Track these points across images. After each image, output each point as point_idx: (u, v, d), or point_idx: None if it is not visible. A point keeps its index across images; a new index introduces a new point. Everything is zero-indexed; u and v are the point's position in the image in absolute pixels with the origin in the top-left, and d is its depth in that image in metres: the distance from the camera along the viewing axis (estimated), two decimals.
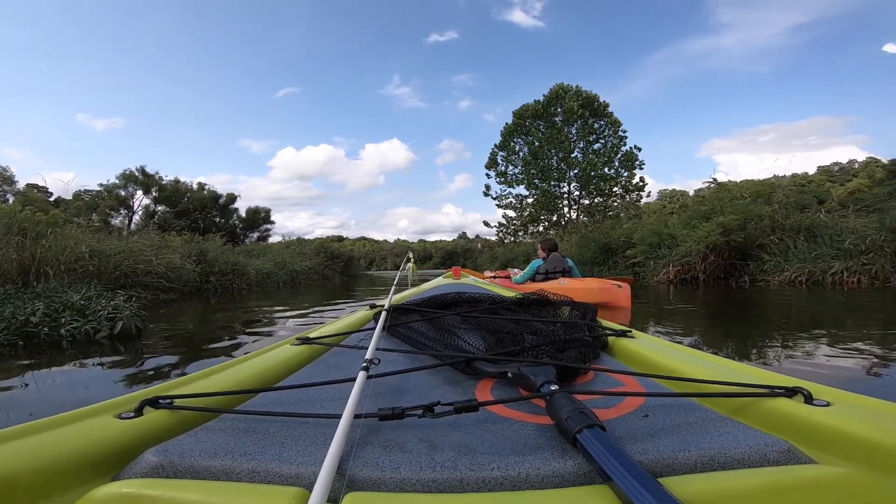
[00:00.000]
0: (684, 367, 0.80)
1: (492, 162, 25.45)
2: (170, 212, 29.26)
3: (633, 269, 9.93)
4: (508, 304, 1.38)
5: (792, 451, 0.48)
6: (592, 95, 23.93)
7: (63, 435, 0.53)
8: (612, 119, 23.83)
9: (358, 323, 1.41)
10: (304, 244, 19.38)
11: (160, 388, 0.69)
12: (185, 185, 31.10)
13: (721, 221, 7.37)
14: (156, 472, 0.48)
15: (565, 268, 5.04)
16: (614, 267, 10.56)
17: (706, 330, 3.49)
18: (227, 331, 3.75)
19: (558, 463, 0.46)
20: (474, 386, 0.76)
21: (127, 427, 0.57)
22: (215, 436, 0.55)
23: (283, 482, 0.46)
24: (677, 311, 4.71)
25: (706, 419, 0.57)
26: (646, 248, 9.06)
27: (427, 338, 1.04)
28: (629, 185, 23.37)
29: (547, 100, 24.16)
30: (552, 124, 24.10)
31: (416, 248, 71.97)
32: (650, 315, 4.32)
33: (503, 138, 25.22)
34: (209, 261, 9.59)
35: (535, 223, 24.36)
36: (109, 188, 28.60)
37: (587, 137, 23.98)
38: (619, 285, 4.26)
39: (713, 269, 7.73)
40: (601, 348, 1.03)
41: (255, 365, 0.88)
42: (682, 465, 0.47)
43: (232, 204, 32.78)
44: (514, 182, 25.01)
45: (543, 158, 23.86)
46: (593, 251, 11.13)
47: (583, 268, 11.33)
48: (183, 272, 8.17)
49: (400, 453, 0.49)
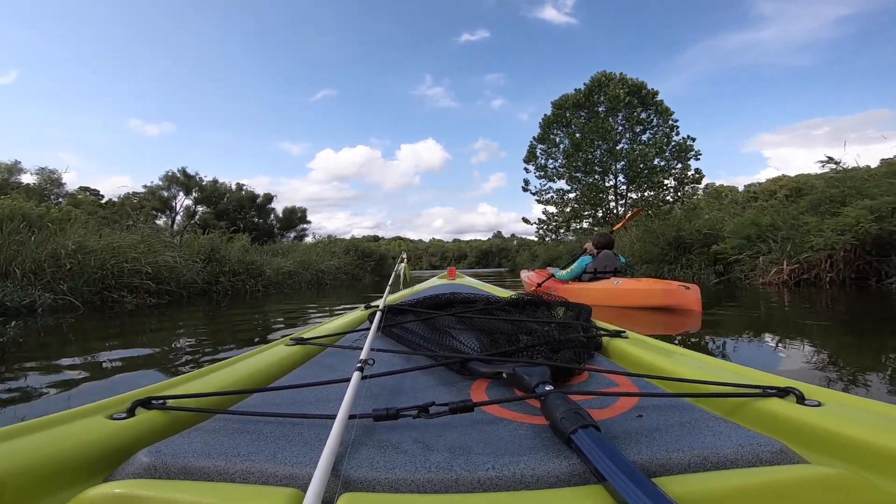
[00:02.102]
0: (678, 368, 0.79)
1: (530, 155, 23.54)
2: (210, 212, 29.29)
3: (718, 267, 7.97)
4: (503, 305, 1.34)
5: (784, 451, 0.48)
6: (639, 83, 21.64)
7: (54, 436, 0.51)
8: (663, 107, 21.49)
9: (353, 323, 1.38)
10: (335, 243, 18.27)
11: (152, 389, 0.68)
12: (223, 186, 31.16)
13: (870, 205, 5.37)
14: (148, 473, 0.47)
15: (617, 267, 4.43)
16: (688, 266, 8.58)
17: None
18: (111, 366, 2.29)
19: (553, 463, 0.46)
20: (469, 386, 0.74)
21: (119, 428, 0.55)
22: (209, 436, 0.54)
23: (278, 483, 0.45)
24: (809, 325, 2.99)
25: (699, 419, 0.57)
26: (742, 241, 7.07)
27: (422, 338, 1.01)
28: (684, 177, 20.96)
29: (588, 88, 22.05)
30: (594, 114, 22.03)
31: (451, 248, 71.29)
32: (761, 325, 3.05)
33: (542, 130, 23.24)
34: (219, 259, 8.35)
35: (578, 219, 22.32)
36: (153, 189, 28.81)
37: (634, 128, 21.79)
38: (687, 287, 3.56)
39: (843, 268, 5.72)
40: (595, 349, 1.01)
41: (249, 365, 0.86)
42: (676, 465, 0.46)
43: (269, 204, 32.81)
44: (554, 176, 23.04)
45: (586, 151, 21.82)
46: (661, 247, 9.20)
47: (647, 267, 9.51)
48: (181, 272, 6.92)
49: (395, 454, 0.48)
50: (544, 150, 23.33)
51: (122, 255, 6.18)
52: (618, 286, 4.04)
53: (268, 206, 32.50)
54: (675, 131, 21.32)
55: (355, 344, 1.07)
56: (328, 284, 11.77)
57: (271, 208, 32.71)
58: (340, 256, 14.81)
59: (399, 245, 67.16)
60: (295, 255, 12.19)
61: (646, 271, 9.48)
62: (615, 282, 4.17)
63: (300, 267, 11.33)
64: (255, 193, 32.01)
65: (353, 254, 16.33)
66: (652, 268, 9.28)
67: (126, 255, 6.20)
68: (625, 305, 3.89)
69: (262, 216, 32.05)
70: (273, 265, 9.77)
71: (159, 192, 28.69)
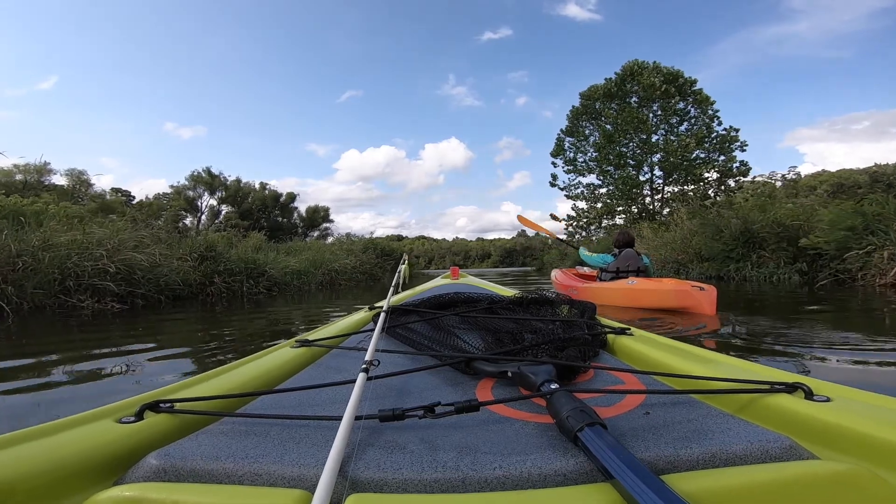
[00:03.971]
0: (684, 365, 0.78)
1: (558, 149, 21.96)
2: (234, 211, 29.05)
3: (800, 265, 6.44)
4: (507, 304, 1.33)
5: (794, 447, 0.47)
6: (675, 71, 19.81)
7: (63, 440, 0.51)
8: (702, 96, 19.61)
9: (357, 324, 1.37)
10: (353, 241, 17.24)
11: (160, 392, 0.67)
12: (248, 186, 30.88)
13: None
14: (157, 476, 0.46)
15: (640, 266, 4.07)
16: (762, 264, 7.03)
17: None
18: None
19: (560, 461, 0.45)
20: (474, 386, 0.73)
21: (128, 431, 0.55)
22: (216, 439, 0.53)
23: (286, 484, 0.44)
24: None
25: (707, 416, 0.55)
26: (846, 234, 5.50)
27: (426, 338, 1.00)
28: (728, 170, 19.04)
29: (620, 77, 20.37)
30: (626, 105, 20.34)
31: (475, 247, 70.21)
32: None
33: (570, 122, 21.64)
34: (213, 258, 7.30)
35: (611, 215, 20.66)
36: (179, 189, 28.66)
37: (669, 119, 20.00)
38: (702, 287, 3.17)
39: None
40: (601, 346, 0.99)
41: (255, 368, 0.85)
42: (684, 462, 0.45)
43: (292, 203, 32.42)
44: (584, 170, 21.44)
45: (618, 142, 20.15)
46: (725, 243, 7.61)
47: (708, 266, 7.95)
48: (163, 272, 5.86)
49: (401, 454, 0.48)
50: (573, 144, 21.76)
51: (88, 253, 5.16)
52: (632, 286, 3.73)
53: (290, 205, 32.14)
54: (716, 121, 19.48)
55: (360, 345, 1.05)
56: (342, 285, 10.64)
57: (294, 207, 32.35)
58: (358, 255, 13.73)
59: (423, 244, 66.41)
60: (307, 253, 11.14)
61: (704, 271, 7.96)
62: (631, 281, 3.85)
63: (312, 266, 10.27)
64: (279, 193, 31.69)
65: (372, 252, 15.23)
66: (713, 266, 7.72)
67: (92, 253, 5.18)
68: (638, 306, 3.61)
69: (285, 215, 31.71)
70: (278, 264, 8.66)
71: (185, 192, 28.51)
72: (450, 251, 68.44)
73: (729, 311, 3.52)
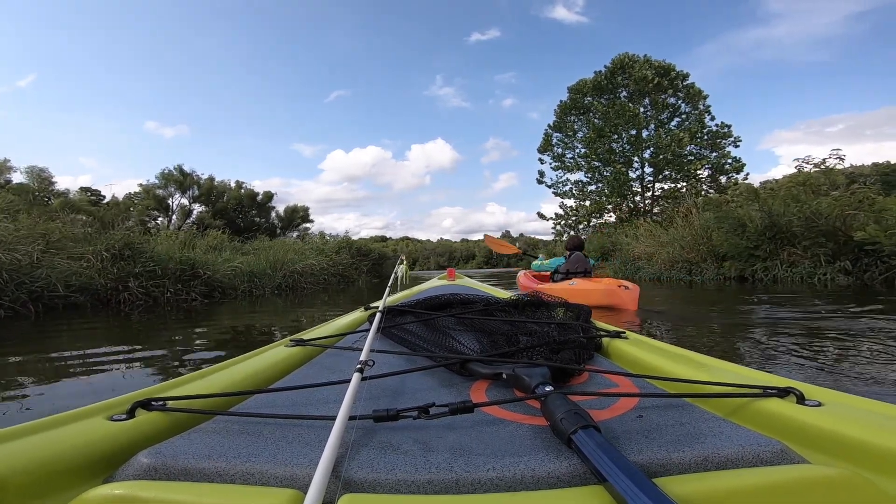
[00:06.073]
0: (678, 368, 0.77)
1: (546, 144, 20.82)
2: (207, 211, 27.31)
3: (842, 263, 5.28)
4: (503, 306, 1.29)
5: (785, 451, 0.47)
6: (667, 64, 18.87)
7: (54, 437, 0.50)
8: (695, 90, 18.69)
9: (352, 324, 1.36)
10: (327, 241, 15.78)
11: (152, 390, 0.65)
12: (222, 184, 29.10)
13: None
14: (148, 474, 0.46)
15: (587, 268, 4.34)
16: (795, 263, 5.86)
17: None
18: None
19: (553, 464, 0.44)
20: (469, 387, 0.72)
21: (119, 429, 0.54)
22: (209, 437, 0.52)
23: (278, 484, 0.44)
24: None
25: (700, 419, 0.55)
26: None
27: (422, 339, 0.98)
28: (721, 166, 18.11)
29: (610, 70, 19.36)
30: (616, 99, 19.33)
31: (459, 248, 69.21)
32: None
33: (558, 117, 20.56)
34: (130, 258, 5.83)
35: (599, 213, 19.58)
36: (149, 188, 26.78)
37: (659, 115, 19.05)
38: (627, 286, 3.57)
39: None
40: (595, 349, 0.98)
41: (249, 366, 0.84)
42: (677, 466, 0.45)
43: (269, 202, 30.71)
44: (572, 167, 20.35)
45: (608, 138, 19.11)
46: (749, 239, 6.43)
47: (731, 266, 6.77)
48: (40, 275, 4.41)
49: (395, 455, 0.47)
50: (561, 139, 20.67)
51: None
52: (573, 286, 4.05)
53: (268, 204, 30.46)
54: (708, 116, 18.58)
55: (355, 345, 1.04)
56: (305, 289, 9.22)
57: (272, 207, 30.67)
58: (330, 255, 12.30)
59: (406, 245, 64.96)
60: (266, 253, 9.69)
61: (723, 272, 6.77)
62: (572, 282, 4.17)
63: (269, 267, 8.84)
64: (255, 192, 29.98)
65: (347, 252, 13.78)
66: (735, 266, 6.55)
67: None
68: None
69: (262, 215, 29.99)
70: (223, 265, 7.19)
71: (154, 190, 26.63)
72: (434, 252, 67.16)
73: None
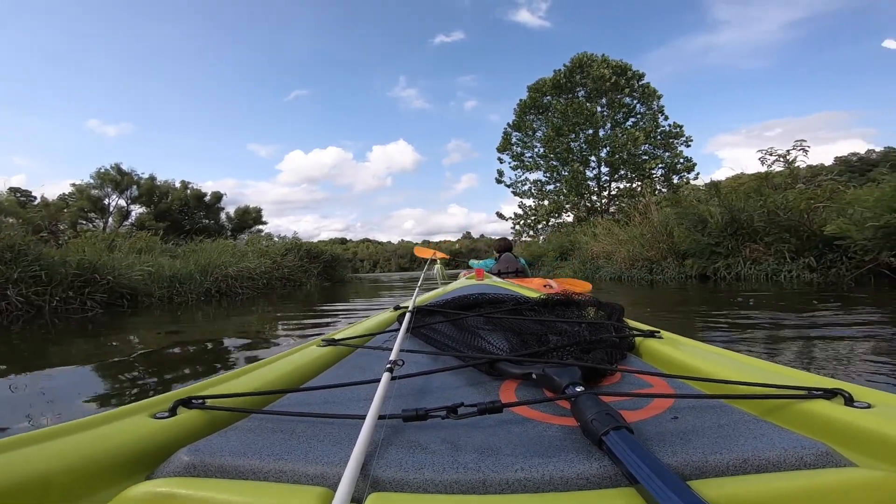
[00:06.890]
0: (714, 368, 0.73)
1: (505, 143, 20.52)
2: (148, 213, 25.25)
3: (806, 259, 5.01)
4: (532, 305, 1.26)
5: (830, 454, 0.44)
6: (624, 64, 19.02)
7: (98, 435, 0.50)
8: (650, 90, 18.93)
9: (382, 324, 1.34)
10: (274, 242, 14.71)
11: (193, 389, 0.66)
12: (165, 184, 26.98)
13: None
14: (188, 472, 0.46)
15: (518, 268, 4.28)
16: (759, 259, 5.57)
17: None
18: None
19: (583, 465, 0.43)
20: (498, 387, 0.71)
21: (161, 427, 0.54)
22: (244, 435, 0.53)
23: (309, 482, 0.44)
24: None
25: (738, 421, 0.52)
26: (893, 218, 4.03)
27: (451, 339, 0.97)
28: (674, 165, 18.39)
29: (569, 69, 19.33)
30: (574, 98, 19.33)
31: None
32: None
33: (517, 116, 20.33)
34: (12, 261, 4.80)
35: (558, 213, 19.46)
36: (82, 188, 24.46)
37: (615, 115, 19.20)
38: (551, 285, 3.46)
39: None
40: (628, 349, 0.93)
41: (283, 366, 0.84)
42: (713, 468, 0.43)
43: (218, 203, 28.78)
44: (531, 166, 20.17)
45: (567, 137, 19.05)
46: (710, 236, 6.13)
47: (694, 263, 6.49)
48: None
49: (423, 454, 0.47)
50: (520, 139, 20.44)
51: None
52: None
53: (216, 205, 28.58)
54: (661, 115, 18.85)
55: (385, 345, 1.03)
56: (240, 295, 8.27)
57: (221, 208, 28.82)
58: (275, 258, 11.32)
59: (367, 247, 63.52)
60: (196, 255, 8.67)
61: (684, 270, 6.46)
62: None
63: (198, 270, 7.86)
64: (202, 192, 28.03)
65: (295, 255, 12.80)
66: (697, 264, 6.24)
67: None
68: None
69: (210, 216, 28.09)
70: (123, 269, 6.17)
71: (89, 190, 24.35)
72: (395, 254, 66.09)
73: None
